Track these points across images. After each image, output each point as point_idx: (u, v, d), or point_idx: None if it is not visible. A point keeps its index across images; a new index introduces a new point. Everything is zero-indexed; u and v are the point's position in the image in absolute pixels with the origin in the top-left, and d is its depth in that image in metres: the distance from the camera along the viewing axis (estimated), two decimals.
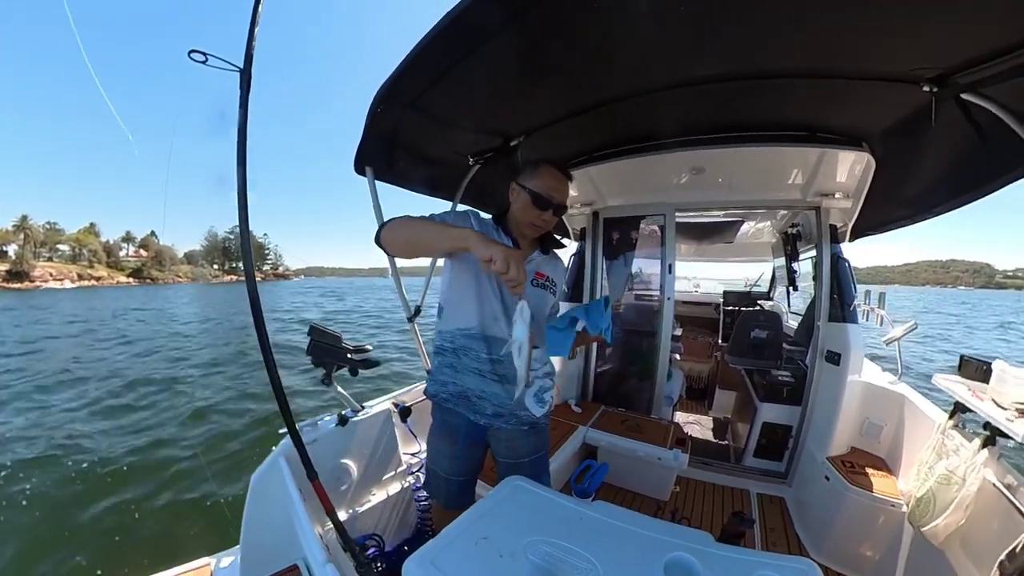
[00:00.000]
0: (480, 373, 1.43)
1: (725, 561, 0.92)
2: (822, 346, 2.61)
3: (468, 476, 1.59)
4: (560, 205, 1.40)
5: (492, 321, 1.40)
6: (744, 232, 4.77)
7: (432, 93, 1.52)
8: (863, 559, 2.04)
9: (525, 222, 1.40)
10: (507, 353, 1.35)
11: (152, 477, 4.33)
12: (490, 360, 1.42)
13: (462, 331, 1.43)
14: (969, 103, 1.35)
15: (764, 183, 2.72)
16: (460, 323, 1.43)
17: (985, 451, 1.58)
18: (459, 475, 1.56)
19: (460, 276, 1.42)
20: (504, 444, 1.52)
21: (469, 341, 1.43)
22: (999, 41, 1.12)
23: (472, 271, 1.37)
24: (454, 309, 1.45)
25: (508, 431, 1.49)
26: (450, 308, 1.47)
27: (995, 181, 1.66)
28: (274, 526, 1.48)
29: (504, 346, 1.34)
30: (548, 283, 1.50)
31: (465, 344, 1.43)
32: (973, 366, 1.91)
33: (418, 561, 0.90)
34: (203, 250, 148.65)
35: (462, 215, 1.41)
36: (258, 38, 1.03)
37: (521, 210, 1.40)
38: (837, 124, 1.95)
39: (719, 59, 1.45)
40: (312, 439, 1.70)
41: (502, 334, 1.38)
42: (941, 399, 2.22)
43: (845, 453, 2.39)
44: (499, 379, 1.43)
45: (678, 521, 2.41)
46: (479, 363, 1.43)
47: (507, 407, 1.45)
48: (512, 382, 1.38)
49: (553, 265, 1.54)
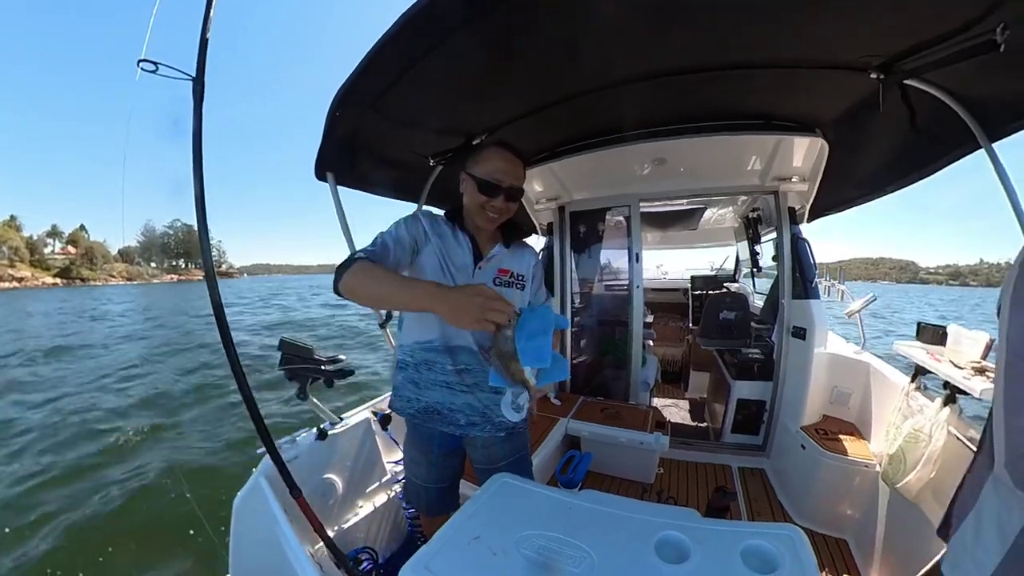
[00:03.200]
0: (447, 386, 1.34)
1: (713, 534, 0.94)
2: (788, 322, 2.71)
3: (448, 483, 1.52)
4: (512, 188, 1.26)
5: (455, 332, 1.30)
6: (707, 218, 4.90)
7: (393, 93, 1.49)
8: (844, 519, 2.14)
9: (476, 212, 1.29)
10: (472, 362, 1.31)
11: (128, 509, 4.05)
12: (456, 371, 1.32)
13: (422, 344, 1.33)
14: (913, 88, 1.44)
15: (724, 171, 2.81)
16: (419, 336, 1.33)
17: (947, 408, 1.68)
18: (437, 482, 1.49)
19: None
20: (480, 451, 1.44)
21: (431, 354, 1.33)
22: (939, 28, 1.18)
23: (428, 277, 1.25)
24: (412, 321, 1.35)
25: (484, 439, 1.41)
26: (409, 320, 1.37)
27: (938, 161, 1.78)
28: (262, 549, 1.43)
29: (466, 355, 1.30)
30: (513, 279, 1.37)
31: (427, 358, 1.33)
32: (930, 331, 2.03)
33: (413, 568, 0.88)
34: (140, 246, 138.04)
35: (413, 219, 1.30)
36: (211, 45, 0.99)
37: (470, 200, 1.28)
38: (791, 112, 2.03)
39: (678, 52, 1.48)
40: (293, 456, 1.65)
41: (466, 343, 1.31)
42: (901, 364, 2.35)
43: (818, 421, 2.50)
44: (468, 389, 1.34)
45: (664, 501, 2.47)
46: (445, 375, 1.33)
47: (481, 416, 1.37)
48: (483, 389, 1.33)
49: (518, 258, 1.41)
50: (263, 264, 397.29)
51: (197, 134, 0.99)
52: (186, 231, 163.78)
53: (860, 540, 2.05)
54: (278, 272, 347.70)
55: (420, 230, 1.28)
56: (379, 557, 1.93)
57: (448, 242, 1.31)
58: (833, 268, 3.37)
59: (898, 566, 1.69)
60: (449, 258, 1.30)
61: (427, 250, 1.28)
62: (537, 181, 3.01)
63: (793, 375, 2.65)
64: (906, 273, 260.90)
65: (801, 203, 2.82)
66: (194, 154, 1.00)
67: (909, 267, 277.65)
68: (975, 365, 1.67)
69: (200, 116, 0.98)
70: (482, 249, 1.35)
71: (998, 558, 0.74)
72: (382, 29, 1.07)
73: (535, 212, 3.41)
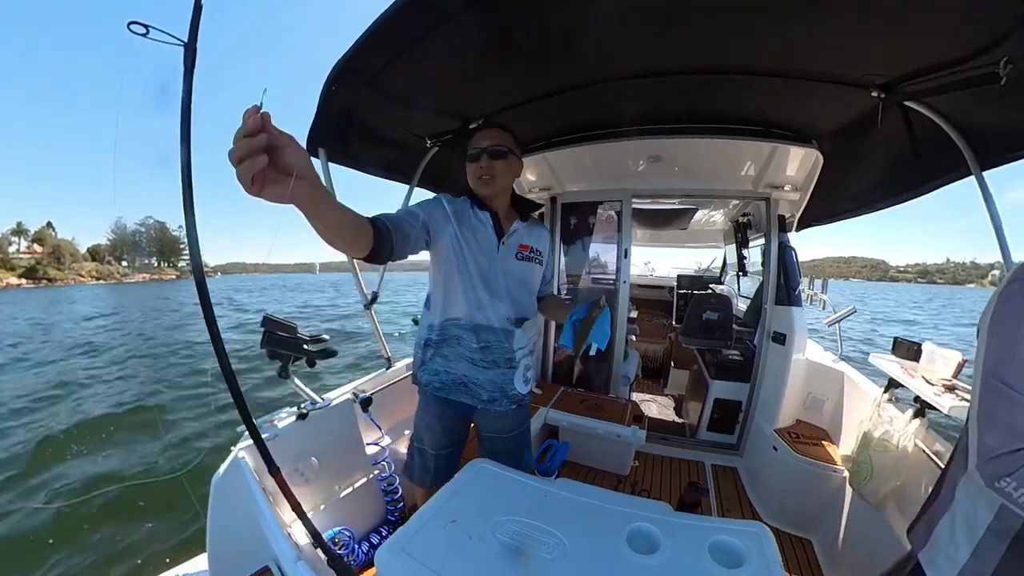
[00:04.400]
0: (472, 362, 1.45)
1: (683, 528, 0.97)
2: (769, 327, 2.76)
3: (455, 448, 1.62)
4: (491, 148, 1.36)
5: (477, 309, 1.40)
6: (698, 219, 4.95)
7: (391, 70, 1.47)
8: (810, 520, 2.21)
9: (474, 184, 1.40)
10: (492, 339, 1.42)
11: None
12: (480, 348, 1.43)
13: (452, 321, 1.44)
14: (912, 110, 1.47)
15: (718, 173, 2.82)
16: (450, 313, 1.43)
17: (916, 421, 1.74)
18: (447, 447, 1.59)
19: (441, 266, 1.40)
20: (493, 421, 1.57)
21: (459, 331, 1.43)
22: (945, 55, 1.22)
23: (452, 261, 1.37)
24: (441, 300, 1.44)
25: (499, 412, 1.52)
26: (437, 299, 1.46)
27: (929, 183, 1.82)
28: (240, 528, 1.42)
29: (488, 333, 1.41)
30: (532, 254, 1.50)
31: (457, 334, 1.44)
32: (905, 347, 2.09)
33: (390, 549, 0.90)
34: (110, 244, 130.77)
35: (434, 201, 1.39)
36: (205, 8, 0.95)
37: (468, 175, 1.40)
38: (790, 121, 2.06)
39: (682, 51, 1.48)
40: (272, 435, 1.64)
41: (487, 322, 1.41)
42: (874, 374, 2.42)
43: (791, 425, 2.56)
44: (488, 365, 1.45)
45: (638, 494, 2.52)
46: (470, 352, 1.44)
47: (500, 391, 1.48)
48: (500, 366, 1.45)
49: (536, 234, 1.53)
50: (238, 263, 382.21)
51: (186, 105, 0.96)
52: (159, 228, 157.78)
53: (824, 541, 2.12)
54: (254, 271, 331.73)
55: (441, 212, 1.36)
56: (357, 537, 1.94)
57: (470, 223, 1.40)
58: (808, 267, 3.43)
59: (859, 567, 1.76)
60: (473, 238, 1.39)
61: (448, 232, 1.36)
62: (531, 170, 2.99)
63: (770, 379, 2.71)
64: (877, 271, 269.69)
65: (791, 212, 2.86)
66: (182, 126, 0.96)
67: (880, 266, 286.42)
68: (946, 383, 1.73)
69: (191, 84, 0.94)
70: (503, 225, 1.44)
71: (968, 551, 0.83)
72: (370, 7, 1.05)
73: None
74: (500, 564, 0.87)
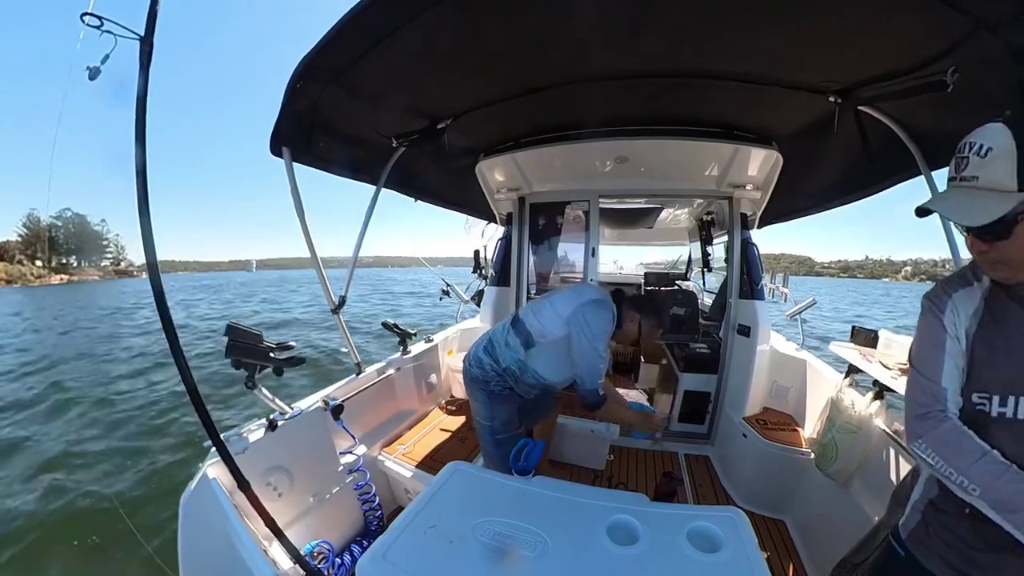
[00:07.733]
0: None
1: (661, 517, 0.99)
2: (734, 320, 2.86)
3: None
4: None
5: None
6: (663, 218, 5.06)
7: (358, 68, 1.44)
8: (782, 501, 2.30)
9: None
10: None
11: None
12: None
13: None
14: (866, 114, 1.57)
15: (683, 173, 2.91)
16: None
17: (876, 403, 1.84)
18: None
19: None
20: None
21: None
22: (898, 63, 1.31)
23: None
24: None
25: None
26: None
27: (882, 182, 1.96)
28: (214, 549, 1.35)
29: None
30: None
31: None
32: (863, 334, 2.21)
33: (371, 559, 0.88)
34: (21, 241, 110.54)
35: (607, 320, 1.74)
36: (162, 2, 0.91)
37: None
38: (752, 124, 2.14)
39: (652, 55, 1.52)
40: (242, 449, 1.57)
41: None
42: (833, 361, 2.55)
43: (758, 413, 2.66)
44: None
45: (615, 487, 2.56)
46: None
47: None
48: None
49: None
50: (167, 261, 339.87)
51: (142, 100, 0.91)
52: (78, 222, 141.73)
53: (796, 520, 2.21)
54: (184, 270, 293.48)
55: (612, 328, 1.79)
56: (337, 549, 1.89)
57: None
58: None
59: (830, 542, 1.83)
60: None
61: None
62: (499, 170, 2.99)
63: (737, 369, 2.81)
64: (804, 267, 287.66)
65: (753, 210, 2.96)
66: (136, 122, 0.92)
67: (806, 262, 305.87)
68: (902, 367, 1.83)
69: (147, 80, 0.90)
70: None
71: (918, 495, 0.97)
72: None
73: (495, 202, 3.39)
74: (483, 566, 0.87)
